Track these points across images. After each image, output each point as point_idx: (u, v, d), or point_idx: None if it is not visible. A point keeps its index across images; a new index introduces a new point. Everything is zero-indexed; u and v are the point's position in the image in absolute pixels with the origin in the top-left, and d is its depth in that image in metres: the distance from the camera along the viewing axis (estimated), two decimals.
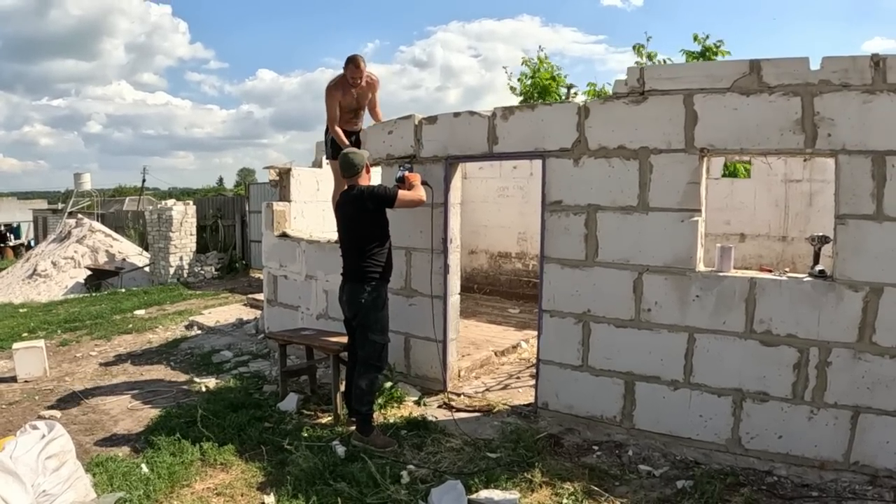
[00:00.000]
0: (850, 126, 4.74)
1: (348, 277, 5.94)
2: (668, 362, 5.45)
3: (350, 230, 5.95)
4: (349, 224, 5.94)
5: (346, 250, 5.99)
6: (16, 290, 18.74)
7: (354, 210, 5.84)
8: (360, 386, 5.79)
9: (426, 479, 4.93)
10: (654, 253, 5.47)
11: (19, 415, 6.86)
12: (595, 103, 5.78)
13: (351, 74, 7.35)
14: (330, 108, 7.55)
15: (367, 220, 5.84)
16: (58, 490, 4.25)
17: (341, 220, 6.09)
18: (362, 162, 5.97)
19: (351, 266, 5.91)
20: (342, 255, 6.05)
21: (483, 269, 13.52)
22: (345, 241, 6.02)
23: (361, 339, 5.90)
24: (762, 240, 11.15)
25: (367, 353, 5.87)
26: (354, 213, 5.85)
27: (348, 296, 5.89)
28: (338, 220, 6.19)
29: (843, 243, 4.81)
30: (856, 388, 4.81)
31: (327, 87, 7.58)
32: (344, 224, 6.03)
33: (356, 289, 5.83)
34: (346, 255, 5.98)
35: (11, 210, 44.35)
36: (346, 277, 5.97)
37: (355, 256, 5.85)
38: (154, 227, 18.97)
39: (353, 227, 5.91)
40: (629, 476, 5.00)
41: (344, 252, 6.03)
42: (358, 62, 7.31)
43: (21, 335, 10.95)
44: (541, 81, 17.61)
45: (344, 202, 5.96)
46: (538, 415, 6.16)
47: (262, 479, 5.07)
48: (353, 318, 5.94)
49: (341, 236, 6.13)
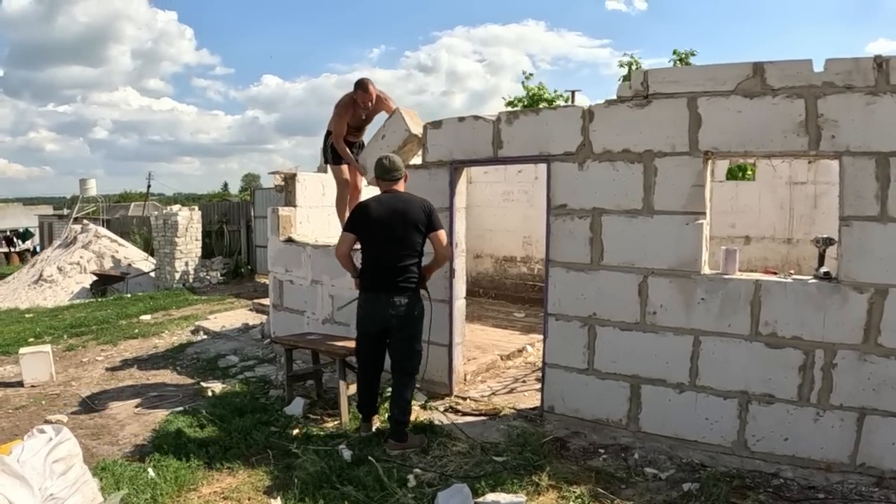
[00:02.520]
0: (853, 128, 4.75)
1: (391, 288, 5.58)
2: (674, 365, 5.46)
3: (397, 239, 5.58)
4: (398, 231, 5.57)
5: (388, 259, 5.59)
6: (22, 296, 18.78)
7: (409, 218, 5.59)
8: (405, 398, 5.71)
9: (433, 483, 4.93)
10: (659, 256, 5.48)
11: (26, 419, 6.87)
12: (599, 107, 5.78)
13: (361, 99, 7.63)
14: (337, 126, 7.83)
15: (419, 232, 5.63)
16: (65, 494, 4.27)
17: (384, 225, 5.58)
18: (402, 166, 5.88)
19: (395, 276, 5.57)
20: (375, 262, 5.66)
21: (488, 274, 13.53)
22: (386, 249, 5.59)
23: (406, 350, 5.76)
24: (767, 242, 11.13)
25: (413, 364, 5.80)
26: (408, 221, 5.58)
27: (397, 308, 5.58)
28: (376, 225, 5.60)
29: (848, 245, 4.82)
30: (861, 390, 4.81)
31: (337, 105, 7.86)
32: (389, 230, 5.57)
33: (408, 300, 5.63)
34: (387, 263, 5.59)
35: (17, 216, 44.45)
36: (385, 288, 5.60)
37: (399, 265, 5.58)
38: (160, 232, 19.00)
39: (403, 235, 5.58)
40: (635, 479, 5.00)
41: (382, 260, 5.61)
42: (367, 87, 7.55)
43: (27, 340, 10.97)
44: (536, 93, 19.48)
45: (391, 207, 5.64)
46: (544, 418, 6.16)
47: (268, 483, 5.07)
48: (400, 330, 5.67)
49: (379, 242, 5.61)
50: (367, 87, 7.60)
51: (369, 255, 5.70)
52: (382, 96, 7.90)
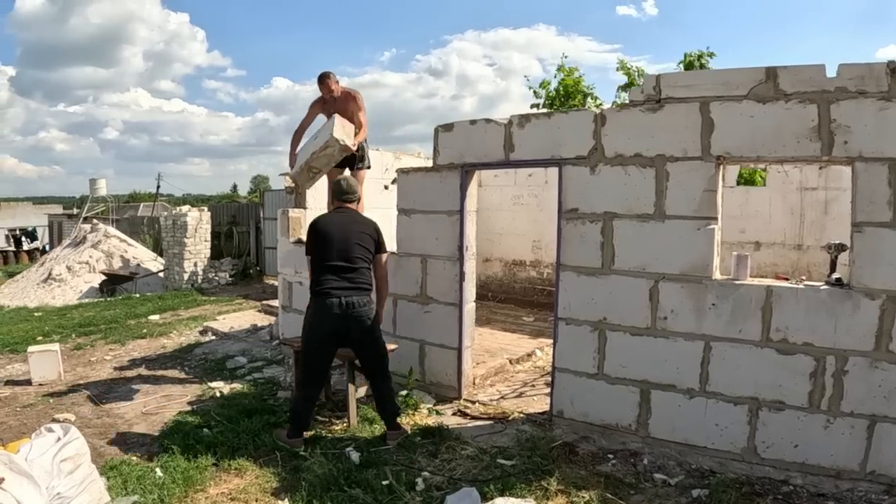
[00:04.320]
0: (866, 133, 4.72)
1: (352, 291, 5.73)
2: (684, 370, 5.44)
3: (353, 246, 5.81)
4: (354, 239, 5.84)
5: (346, 264, 5.76)
6: (31, 294, 18.83)
7: (364, 234, 5.92)
8: (392, 389, 6.03)
9: (441, 487, 4.93)
10: (670, 261, 5.46)
11: (34, 418, 6.90)
12: (611, 111, 5.78)
13: (322, 91, 8.08)
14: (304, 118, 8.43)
15: (373, 243, 5.96)
16: (72, 493, 4.27)
17: (343, 236, 5.82)
18: (357, 190, 6.29)
19: (351, 280, 5.75)
20: (332, 270, 5.74)
21: (497, 277, 13.53)
22: (343, 256, 5.76)
23: (373, 351, 5.93)
24: (777, 248, 11.10)
25: (385, 362, 6.02)
26: (363, 232, 5.93)
27: (359, 309, 5.73)
28: (331, 236, 5.83)
29: (860, 251, 4.79)
30: (872, 397, 4.78)
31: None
32: (347, 241, 5.81)
33: (366, 302, 5.80)
34: (345, 269, 5.75)
35: (27, 215, 44.61)
36: (346, 291, 5.71)
37: (353, 271, 5.78)
38: (169, 232, 19.04)
39: (359, 243, 5.85)
40: (644, 484, 4.98)
41: (340, 267, 5.75)
42: (324, 79, 8.02)
43: (36, 339, 11.00)
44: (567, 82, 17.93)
45: (347, 219, 5.99)
46: (553, 423, 6.15)
47: (276, 485, 5.07)
48: (369, 332, 5.83)
49: (336, 252, 5.77)
50: (325, 79, 8.01)
51: (326, 265, 5.79)
52: (351, 94, 8.15)
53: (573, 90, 17.98)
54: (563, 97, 17.87)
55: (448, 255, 6.86)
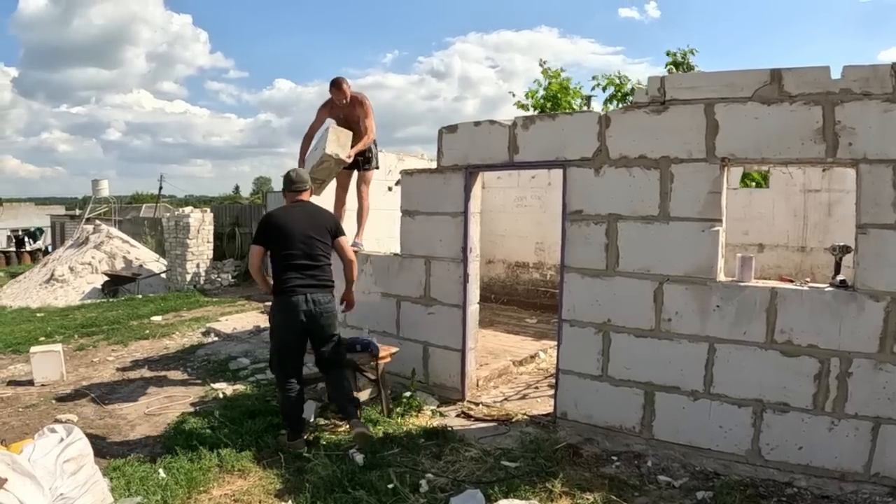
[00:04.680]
0: (871, 135, 4.72)
1: (312, 287, 5.81)
2: (689, 372, 5.43)
3: (311, 240, 5.87)
4: (311, 233, 5.90)
5: (304, 262, 5.83)
6: (33, 295, 18.82)
7: (319, 226, 5.98)
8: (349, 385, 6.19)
9: (445, 488, 4.92)
10: (674, 262, 5.45)
11: (36, 418, 6.90)
12: (616, 112, 5.78)
13: (335, 97, 7.97)
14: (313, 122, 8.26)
15: (329, 235, 6.02)
16: (75, 494, 4.26)
17: (303, 233, 5.86)
18: (308, 179, 6.37)
19: (314, 277, 5.85)
20: (292, 267, 5.80)
21: (500, 279, 13.54)
22: (301, 251, 5.82)
23: (333, 346, 5.99)
24: (780, 250, 11.09)
25: (342, 354, 6.17)
26: (319, 225, 5.99)
27: (320, 305, 5.81)
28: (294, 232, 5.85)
29: (865, 253, 4.79)
30: (876, 399, 4.77)
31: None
32: (309, 237, 5.87)
33: (329, 300, 5.93)
34: (304, 266, 5.82)
35: (29, 215, 44.63)
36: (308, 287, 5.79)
37: (316, 268, 5.88)
38: (171, 234, 19.03)
39: (316, 236, 5.92)
40: (648, 487, 4.98)
41: (299, 262, 5.81)
42: (339, 84, 7.90)
43: (38, 339, 11.01)
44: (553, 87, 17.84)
45: (302, 212, 6.01)
46: (557, 424, 6.14)
47: (280, 487, 5.06)
48: (327, 327, 5.90)
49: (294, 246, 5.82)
50: (340, 84, 7.92)
51: (285, 262, 5.84)
52: (359, 98, 8.09)
53: (562, 94, 18.04)
54: (553, 105, 17.80)
55: (452, 256, 6.86)
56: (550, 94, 18.03)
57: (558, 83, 18.15)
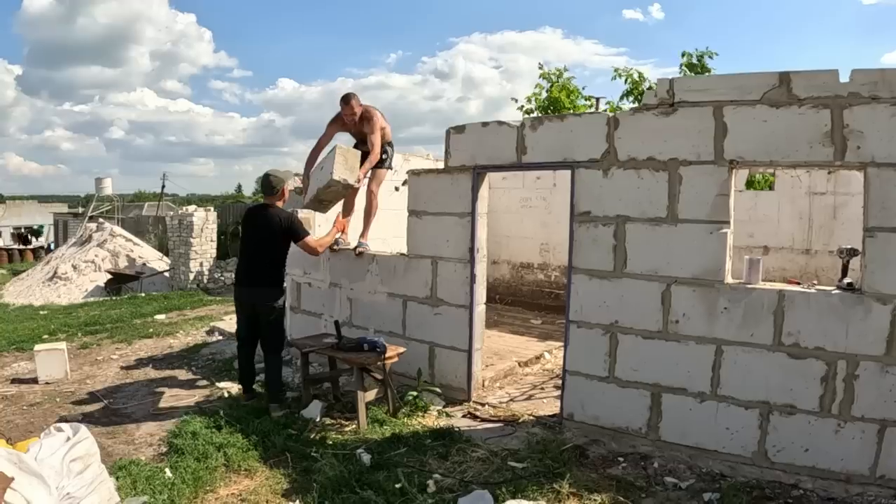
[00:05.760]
0: (879, 138, 4.72)
1: (256, 282, 6.89)
2: (696, 374, 5.43)
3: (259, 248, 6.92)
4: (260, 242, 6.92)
5: (252, 259, 6.96)
6: (36, 293, 18.85)
7: (269, 230, 6.88)
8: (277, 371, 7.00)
9: (453, 489, 4.92)
10: (682, 265, 5.45)
11: (40, 416, 6.91)
12: (625, 114, 5.79)
13: (344, 112, 7.94)
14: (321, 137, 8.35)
15: (280, 241, 6.95)
16: (82, 493, 4.25)
17: (253, 235, 7.02)
18: (280, 185, 7.06)
19: (260, 273, 6.89)
20: (243, 264, 7.10)
21: (505, 280, 13.53)
22: (253, 252, 6.96)
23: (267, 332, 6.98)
24: (785, 252, 11.07)
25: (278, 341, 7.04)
26: (269, 232, 6.88)
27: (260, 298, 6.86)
28: (248, 232, 7.11)
29: (872, 256, 4.79)
30: (883, 402, 4.76)
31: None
32: (256, 240, 6.97)
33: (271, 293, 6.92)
34: (252, 262, 6.95)
35: (32, 213, 44.69)
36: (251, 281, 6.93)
37: (265, 265, 6.89)
38: (175, 232, 19.06)
39: (264, 244, 6.90)
40: (655, 488, 4.98)
41: (249, 260, 7.00)
42: (348, 100, 7.86)
43: (42, 337, 11.05)
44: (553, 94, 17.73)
45: (259, 217, 7.05)
46: (563, 425, 6.15)
47: (286, 486, 5.07)
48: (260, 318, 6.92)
49: (246, 244, 7.06)
50: (349, 101, 7.85)
51: (241, 258, 7.16)
52: (367, 116, 7.91)
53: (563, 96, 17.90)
54: (553, 108, 17.66)
55: (459, 257, 6.86)
56: (552, 97, 17.94)
57: (560, 85, 18.13)
